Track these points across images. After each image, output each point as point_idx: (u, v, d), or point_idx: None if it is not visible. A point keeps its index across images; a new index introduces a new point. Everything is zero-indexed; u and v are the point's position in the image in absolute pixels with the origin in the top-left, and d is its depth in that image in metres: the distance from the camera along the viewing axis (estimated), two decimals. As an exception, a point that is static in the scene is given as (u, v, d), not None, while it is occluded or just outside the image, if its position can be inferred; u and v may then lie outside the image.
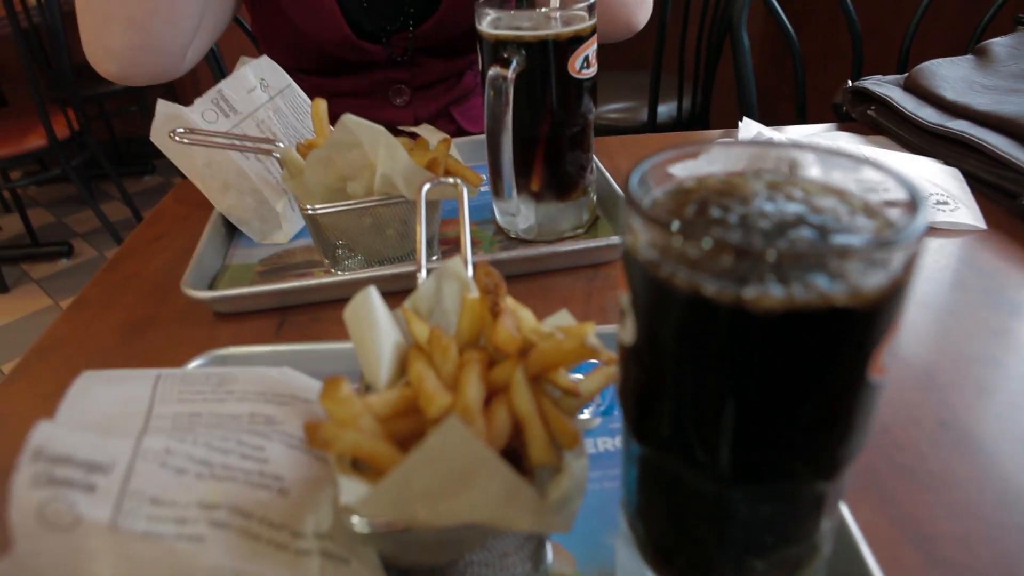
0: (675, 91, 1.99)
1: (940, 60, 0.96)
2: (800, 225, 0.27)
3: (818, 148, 0.31)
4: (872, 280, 0.24)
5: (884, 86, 0.95)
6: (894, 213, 0.28)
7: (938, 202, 0.74)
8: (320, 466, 0.37)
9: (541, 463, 0.34)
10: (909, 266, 0.25)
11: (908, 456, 0.47)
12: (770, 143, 0.32)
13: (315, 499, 0.35)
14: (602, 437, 0.48)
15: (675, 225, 0.26)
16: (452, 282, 0.44)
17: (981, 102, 0.85)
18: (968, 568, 0.40)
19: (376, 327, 0.40)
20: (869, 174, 0.30)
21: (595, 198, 0.76)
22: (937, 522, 0.43)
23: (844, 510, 0.39)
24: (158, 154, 0.75)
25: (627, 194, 0.28)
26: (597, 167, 0.80)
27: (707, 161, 0.33)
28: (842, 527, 0.39)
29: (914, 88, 0.93)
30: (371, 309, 0.40)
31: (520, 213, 0.72)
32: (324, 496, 0.35)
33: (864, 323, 0.25)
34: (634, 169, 0.29)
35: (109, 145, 3.67)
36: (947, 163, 0.81)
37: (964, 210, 0.73)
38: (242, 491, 0.33)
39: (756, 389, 0.26)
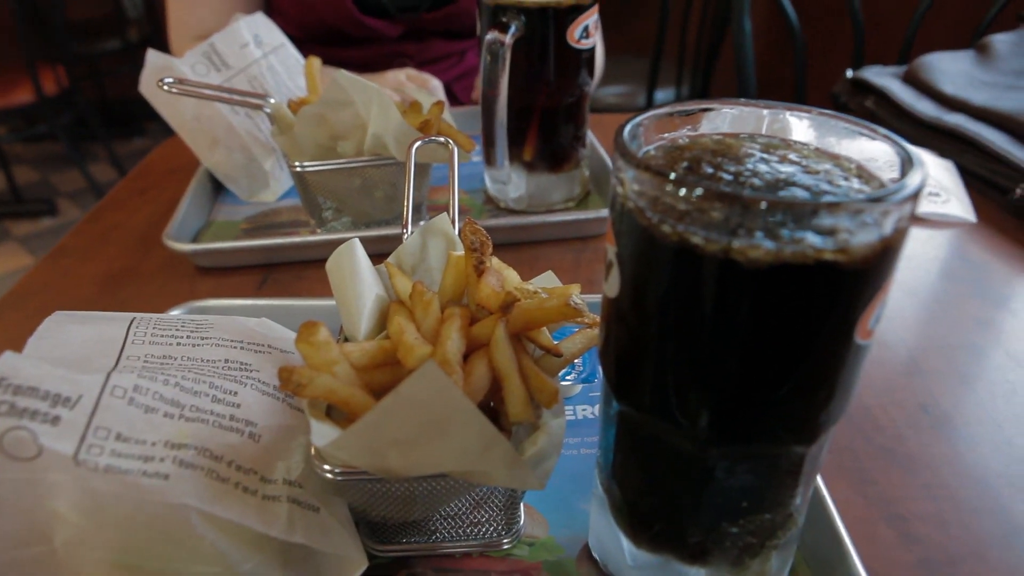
0: (674, 79, 1.98)
1: (941, 53, 0.95)
2: (792, 185, 0.27)
3: (816, 113, 0.31)
4: (862, 238, 0.24)
5: (883, 77, 0.94)
6: (887, 180, 0.27)
7: (930, 193, 0.74)
8: (294, 415, 0.36)
9: (519, 420, 0.33)
10: (900, 228, 0.25)
11: (887, 438, 0.47)
12: (767, 105, 0.32)
13: (287, 446, 0.34)
14: (581, 404, 0.48)
15: (666, 173, 0.25)
16: (438, 239, 0.43)
17: (979, 97, 0.85)
18: (940, 547, 0.40)
19: (358, 279, 0.39)
20: (864, 144, 0.29)
21: (588, 173, 0.75)
22: (912, 502, 0.43)
23: (821, 486, 0.39)
24: (149, 116, 0.74)
25: (618, 142, 0.27)
26: (592, 142, 0.79)
27: (704, 122, 0.32)
28: (819, 503, 0.38)
29: (913, 80, 0.92)
30: (354, 261, 0.40)
31: (511, 182, 0.71)
32: (296, 444, 0.35)
33: (852, 281, 0.24)
34: (626, 121, 0.29)
35: (99, 105, 3.60)
36: (942, 156, 0.80)
37: (955, 202, 0.73)
38: (212, 433, 0.32)
39: (740, 345, 0.25)
